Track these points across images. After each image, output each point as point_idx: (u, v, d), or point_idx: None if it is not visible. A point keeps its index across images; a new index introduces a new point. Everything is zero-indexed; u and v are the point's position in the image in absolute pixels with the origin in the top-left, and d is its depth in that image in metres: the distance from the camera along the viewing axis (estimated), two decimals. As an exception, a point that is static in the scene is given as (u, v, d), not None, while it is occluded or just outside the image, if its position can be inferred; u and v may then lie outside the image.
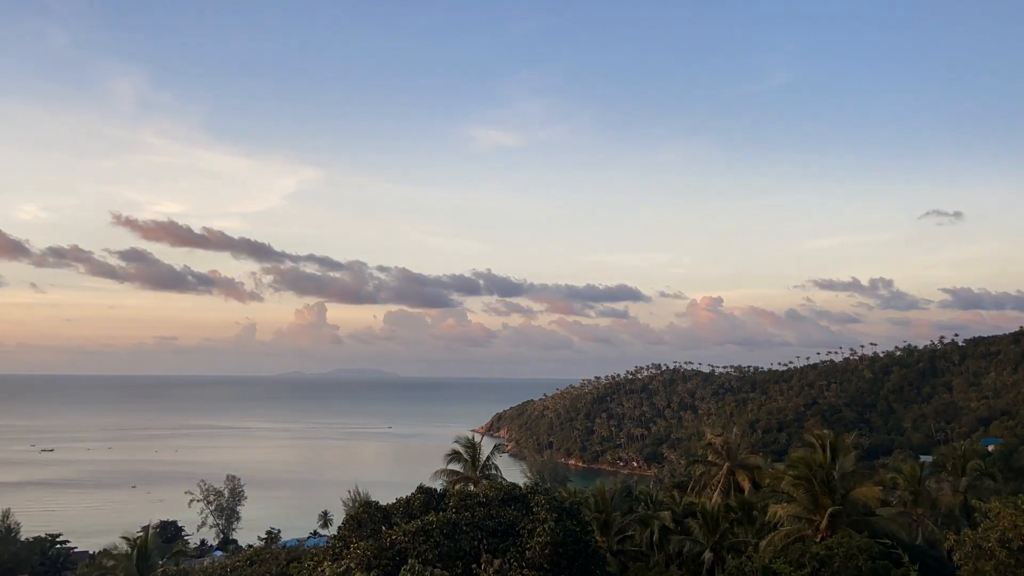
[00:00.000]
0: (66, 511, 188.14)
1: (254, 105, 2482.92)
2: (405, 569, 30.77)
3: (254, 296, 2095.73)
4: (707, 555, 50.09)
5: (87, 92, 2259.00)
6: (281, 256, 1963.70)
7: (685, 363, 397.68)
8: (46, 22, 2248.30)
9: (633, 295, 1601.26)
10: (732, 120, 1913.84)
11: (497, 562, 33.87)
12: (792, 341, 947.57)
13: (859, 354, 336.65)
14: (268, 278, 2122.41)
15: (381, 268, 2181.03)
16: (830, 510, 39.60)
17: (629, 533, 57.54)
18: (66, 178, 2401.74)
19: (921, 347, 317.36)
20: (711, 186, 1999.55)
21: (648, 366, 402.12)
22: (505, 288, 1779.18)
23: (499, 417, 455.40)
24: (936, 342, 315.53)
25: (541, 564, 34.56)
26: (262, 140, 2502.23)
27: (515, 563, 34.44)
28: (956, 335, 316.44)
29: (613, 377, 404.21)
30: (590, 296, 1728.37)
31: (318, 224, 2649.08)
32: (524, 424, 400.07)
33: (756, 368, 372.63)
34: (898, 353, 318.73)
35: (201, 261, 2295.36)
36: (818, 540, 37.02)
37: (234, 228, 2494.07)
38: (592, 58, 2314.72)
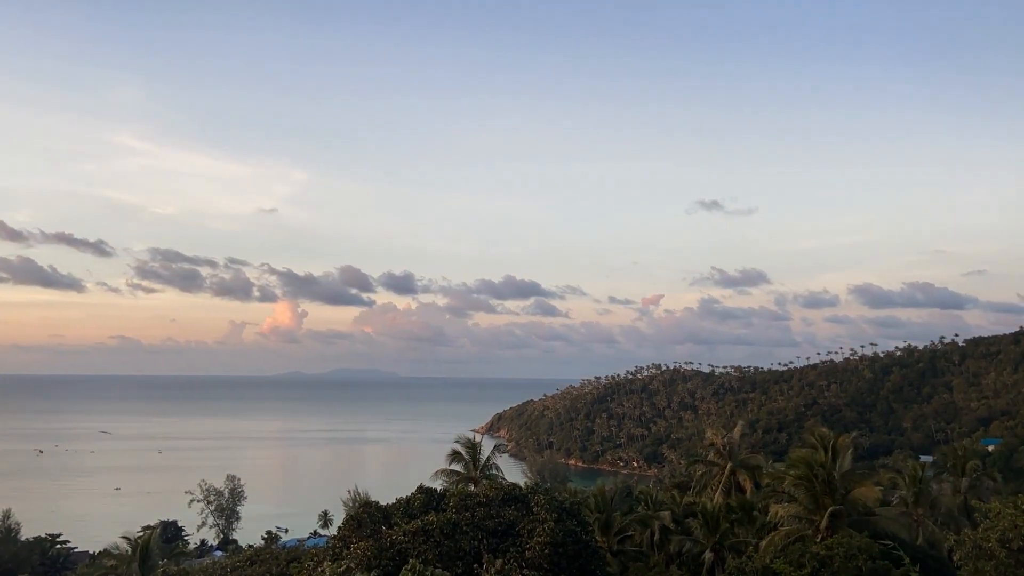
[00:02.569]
0: (68, 510, 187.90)
1: (247, 110, 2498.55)
2: (405, 569, 30.74)
3: (136, 287, 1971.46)
4: (707, 555, 50.03)
5: (83, 97, 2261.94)
6: (100, 247, 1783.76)
7: (686, 363, 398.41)
8: (45, 29, 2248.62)
9: (535, 290, 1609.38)
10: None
11: (498, 562, 33.85)
12: (752, 340, 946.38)
13: (859, 354, 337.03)
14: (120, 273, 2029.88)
15: (233, 261, 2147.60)
16: (830, 510, 39.52)
17: (629, 533, 57.49)
18: (58, 181, 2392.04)
19: (922, 347, 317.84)
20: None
21: (648, 366, 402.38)
22: (399, 284, 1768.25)
23: (499, 417, 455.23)
24: (936, 342, 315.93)
25: (541, 564, 34.53)
26: (255, 145, 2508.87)
27: (515, 563, 34.40)
28: (956, 335, 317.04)
29: (613, 377, 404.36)
30: (491, 291, 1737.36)
31: (308, 226, 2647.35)
32: (524, 424, 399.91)
33: (756, 368, 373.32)
34: (898, 353, 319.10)
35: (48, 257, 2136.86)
36: (818, 540, 36.97)
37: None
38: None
